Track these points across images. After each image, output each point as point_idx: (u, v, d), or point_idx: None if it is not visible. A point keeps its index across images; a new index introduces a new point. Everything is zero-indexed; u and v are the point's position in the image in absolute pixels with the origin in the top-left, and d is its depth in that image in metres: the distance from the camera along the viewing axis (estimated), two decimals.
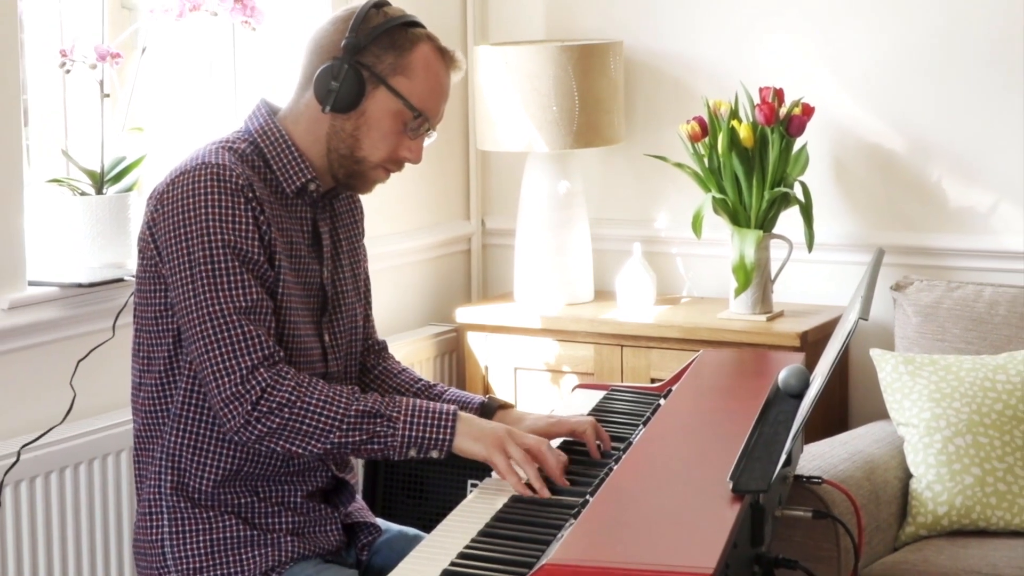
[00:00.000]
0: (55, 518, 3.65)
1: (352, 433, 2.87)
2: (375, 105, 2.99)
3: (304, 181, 3.02)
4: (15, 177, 3.62)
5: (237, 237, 2.87)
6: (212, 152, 2.94)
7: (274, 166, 3.01)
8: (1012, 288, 4.27)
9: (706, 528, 2.51)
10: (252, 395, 2.83)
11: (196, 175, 2.89)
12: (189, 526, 2.96)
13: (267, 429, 2.84)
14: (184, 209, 2.87)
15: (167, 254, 2.89)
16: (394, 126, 3.01)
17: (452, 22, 5.01)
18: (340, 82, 2.96)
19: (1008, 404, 3.96)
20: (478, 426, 2.94)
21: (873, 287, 3.06)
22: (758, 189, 4.40)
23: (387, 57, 2.98)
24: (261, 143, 3.02)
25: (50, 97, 4.01)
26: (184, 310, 2.87)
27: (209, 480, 2.96)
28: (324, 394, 2.87)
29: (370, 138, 3.00)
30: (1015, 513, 3.89)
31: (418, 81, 3.00)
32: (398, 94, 2.98)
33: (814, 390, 2.86)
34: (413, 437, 2.89)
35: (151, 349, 2.99)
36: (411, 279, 4.95)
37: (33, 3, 3.96)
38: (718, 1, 4.80)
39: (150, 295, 2.97)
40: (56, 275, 3.75)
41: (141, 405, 3.02)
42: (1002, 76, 4.47)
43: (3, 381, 3.62)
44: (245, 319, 2.85)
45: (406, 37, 3.00)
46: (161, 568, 2.98)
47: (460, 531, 2.72)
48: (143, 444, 3.04)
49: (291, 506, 3.02)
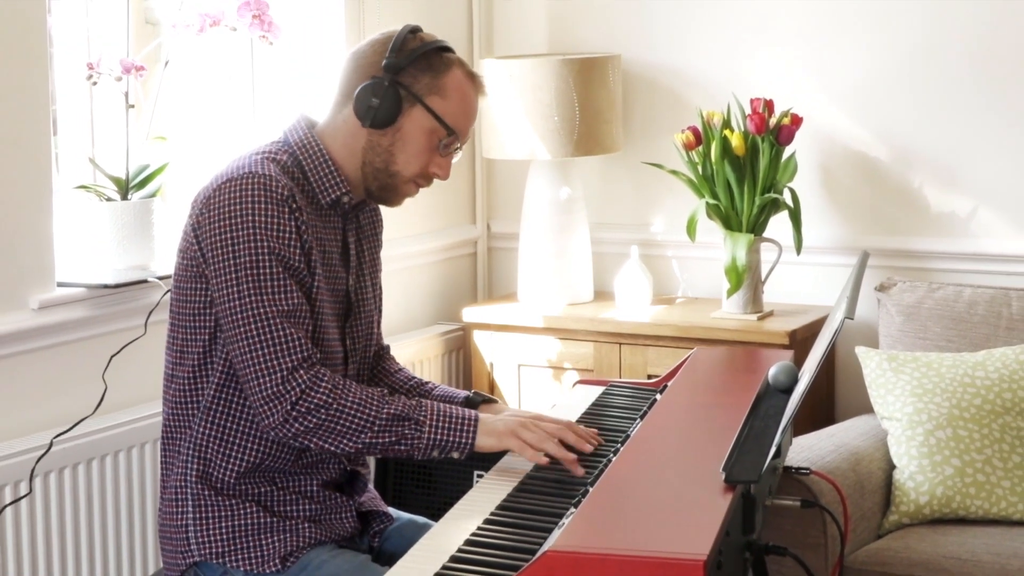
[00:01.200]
0: (83, 506, 3.65)
1: (382, 434, 2.90)
2: (411, 122, 3.01)
3: (339, 194, 3.03)
4: (45, 183, 3.63)
5: (281, 244, 2.89)
6: (258, 162, 2.95)
7: (311, 178, 3.02)
8: (990, 289, 4.27)
9: (700, 517, 2.51)
10: (292, 395, 2.85)
11: (244, 183, 2.90)
12: (212, 513, 2.97)
13: (304, 428, 2.86)
14: (231, 215, 2.88)
15: (212, 257, 2.90)
16: (428, 143, 3.03)
17: (459, 36, 5.00)
18: (380, 99, 2.98)
19: (986, 399, 3.96)
20: (493, 424, 2.99)
21: (858, 288, 3.06)
22: (749, 195, 4.40)
23: (424, 78, 3.01)
24: (300, 155, 3.03)
25: (78, 108, 4.01)
26: (227, 311, 2.89)
27: (233, 471, 2.97)
28: (358, 397, 2.90)
29: (405, 153, 3.03)
30: (993, 503, 3.89)
31: (452, 102, 3.03)
32: (434, 113, 3.01)
33: (802, 386, 2.86)
34: (437, 440, 2.93)
35: (185, 344, 3.00)
36: (420, 280, 4.95)
37: (62, 18, 3.96)
38: (711, 17, 4.80)
39: (190, 292, 2.98)
40: (83, 276, 3.76)
41: (172, 396, 3.03)
42: (980, 88, 4.47)
43: (34, 377, 3.63)
44: (287, 322, 2.87)
45: (441, 61, 3.04)
46: (185, 552, 2.99)
47: (466, 519, 2.73)
48: (171, 433, 3.04)
49: (308, 495, 3.03)
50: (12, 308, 3.57)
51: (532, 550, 2.50)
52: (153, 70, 3.91)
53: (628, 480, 2.77)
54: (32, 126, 3.59)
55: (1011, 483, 3.90)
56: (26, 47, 3.56)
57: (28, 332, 3.59)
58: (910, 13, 4.54)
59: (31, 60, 3.58)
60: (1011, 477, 3.91)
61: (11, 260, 3.56)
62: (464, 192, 5.13)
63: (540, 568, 2.33)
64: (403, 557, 2.57)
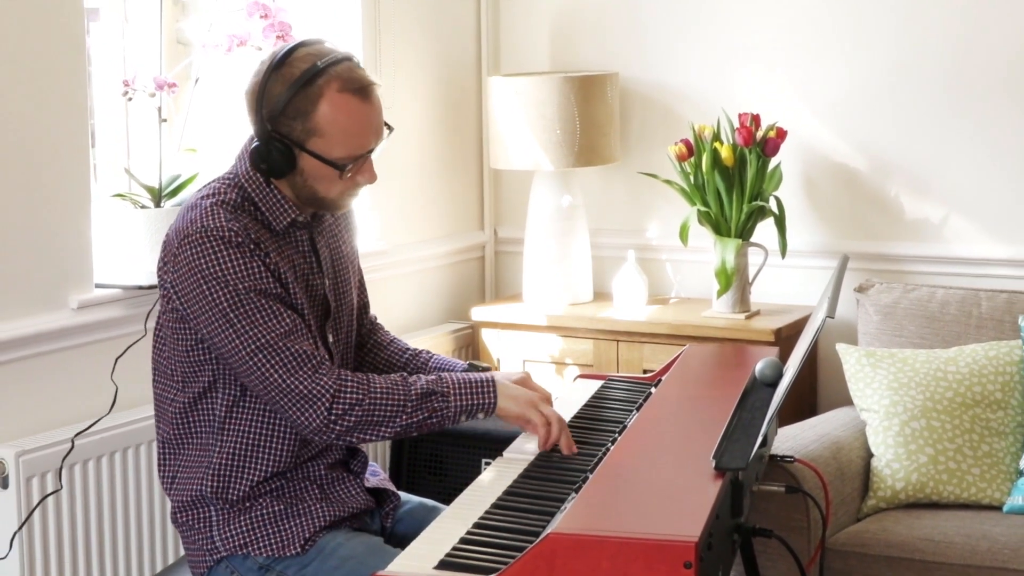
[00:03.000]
0: (106, 496, 3.65)
1: (416, 413, 2.89)
2: (307, 164, 2.91)
3: (292, 218, 2.96)
4: (83, 192, 3.63)
5: (254, 280, 2.85)
6: (208, 214, 2.87)
7: (263, 208, 2.95)
8: (961, 290, 4.26)
9: (692, 501, 2.51)
10: (325, 402, 2.83)
11: (200, 239, 2.84)
12: (232, 513, 2.96)
13: (344, 427, 2.85)
14: (201, 271, 2.84)
15: (198, 312, 2.86)
16: (332, 173, 2.92)
17: (467, 56, 5.00)
18: (268, 161, 2.90)
19: (958, 392, 3.96)
20: (512, 390, 2.98)
21: (839, 289, 3.05)
22: (738, 203, 4.40)
23: (296, 125, 2.88)
24: (248, 187, 2.95)
25: (114, 122, 4.01)
26: (232, 352, 2.85)
27: (247, 483, 2.96)
28: (384, 386, 2.88)
29: (321, 184, 2.94)
30: (963, 488, 3.88)
31: (331, 136, 2.88)
32: (317, 156, 2.90)
33: (787, 380, 2.85)
34: (464, 405, 2.92)
35: (187, 376, 2.96)
36: (432, 282, 4.95)
37: (100, 39, 3.96)
38: (702, 37, 4.80)
39: (180, 332, 2.94)
40: (120, 278, 3.76)
41: (171, 418, 3.00)
42: (952, 104, 4.47)
43: (74, 372, 3.63)
44: (289, 340, 2.85)
45: (307, 98, 2.87)
46: (211, 550, 2.97)
47: (475, 503, 2.72)
48: (173, 450, 3.02)
49: (317, 480, 3.02)
50: (53, 308, 3.57)
51: (536, 532, 2.50)
52: (184, 87, 3.91)
53: (625, 467, 2.77)
54: (72, 139, 3.59)
55: (980, 470, 3.89)
56: (66, 66, 3.56)
57: (69, 330, 3.59)
58: (886, 34, 4.53)
59: (71, 78, 3.58)
60: (980, 465, 3.90)
61: (52, 263, 3.56)
62: (472, 200, 5.12)
63: (544, 549, 2.32)
64: (415, 539, 2.57)
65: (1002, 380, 3.98)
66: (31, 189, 3.50)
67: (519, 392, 2.98)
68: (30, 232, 3.50)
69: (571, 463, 2.91)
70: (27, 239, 3.49)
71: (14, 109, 3.45)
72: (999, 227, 4.46)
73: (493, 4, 5.06)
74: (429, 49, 4.80)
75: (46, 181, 3.53)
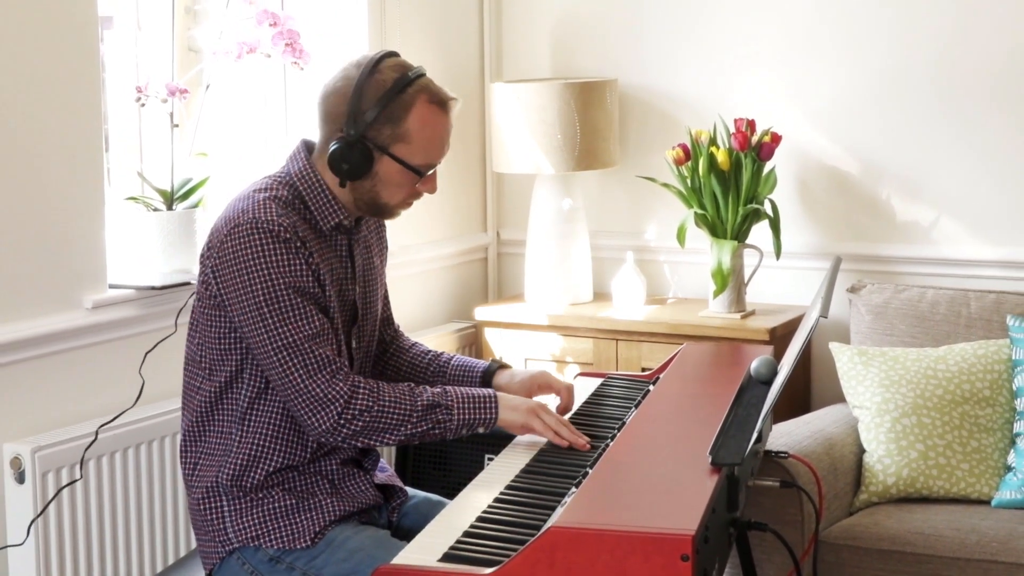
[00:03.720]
0: (132, 488, 3.65)
1: (420, 424, 2.93)
2: (384, 168, 2.96)
3: (338, 220, 3.00)
4: (97, 195, 3.63)
5: (294, 277, 2.88)
6: (260, 206, 2.91)
7: (312, 207, 2.99)
8: (950, 290, 4.26)
9: (689, 496, 2.51)
10: (337, 406, 2.86)
11: (250, 229, 2.88)
12: (245, 505, 2.97)
13: (352, 432, 2.88)
14: (244, 261, 2.87)
15: (234, 300, 2.89)
16: (405, 179, 2.98)
17: (470, 63, 5.00)
18: (350, 163, 2.93)
19: (947, 390, 3.95)
20: (512, 401, 3.02)
21: (831, 289, 3.05)
22: (733, 206, 4.39)
23: (386, 129, 2.93)
24: (300, 186, 2.99)
25: (127, 127, 4.01)
26: (259, 345, 2.88)
27: (262, 473, 2.97)
28: (392, 395, 2.91)
29: (387, 190, 2.99)
30: (953, 483, 3.88)
31: (416, 144, 2.95)
32: (400, 160, 2.95)
33: (781, 377, 2.85)
34: (465, 419, 2.96)
35: (214, 363, 2.99)
36: (436, 282, 4.95)
37: (113, 47, 3.96)
38: (699, 44, 4.79)
39: (213, 318, 2.96)
40: (133, 279, 3.75)
41: (197, 406, 3.02)
42: (941, 109, 4.47)
43: (88, 370, 3.63)
44: (314, 343, 2.87)
45: (399, 105, 2.93)
46: (224, 541, 2.98)
47: (478, 498, 2.73)
48: (195, 438, 3.03)
49: (328, 475, 3.03)
50: (68, 307, 3.57)
51: (537, 526, 2.50)
52: (195, 93, 3.91)
53: (624, 463, 2.77)
54: (86, 143, 3.59)
55: (969, 465, 3.89)
56: (81, 72, 3.56)
57: (83, 329, 3.59)
58: (877, 43, 4.53)
59: (85, 84, 3.58)
60: (969, 460, 3.90)
61: (67, 264, 3.56)
62: (476, 203, 5.12)
63: (545, 542, 2.32)
64: (421, 532, 2.57)
65: (990, 378, 3.98)
66: (46, 192, 3.50)
67: (519, 403, 3.02)
68: (45, 234, 3.50)
69: (571, 459, 2.92)
70: (42, 241, 3.49)
71: (30, 114, 3.45)
72: (987, 229, 4.46)
73: (495, 12, 5.06)
74: (433, 56, 4.80)
75: (61, 185, 3.53)
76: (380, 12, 4.55)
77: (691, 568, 2.27)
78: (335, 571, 2.90)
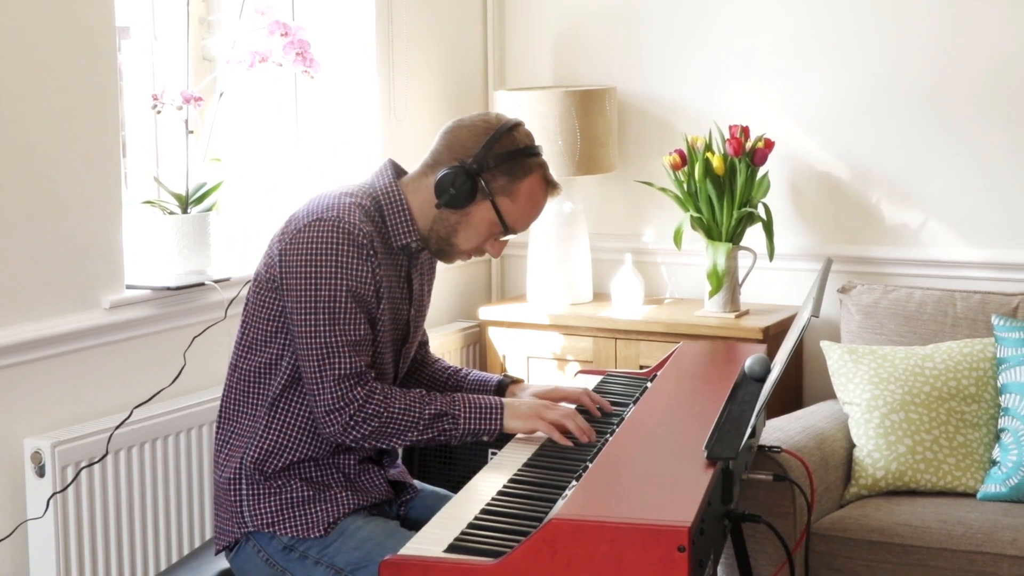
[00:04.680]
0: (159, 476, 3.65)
1: (426, 431, 2.96)
2: (478, 212, 3.00)
3: (409, 240, 3.03)
4: (115, 199, 3.63)
5: (357, 283, 2.91)
6: (346, 207, 2.94)
7: (388, 223, 3.02)
8: (937, 291, 4.26)
9: (685, 489, 2.51)
10: (350, 409, 2.90)
11: (331, 226, 2.91)
12: (264, 491, 2.98)
13: (361, 434, 2.91)
14: (317, 255, 2.90)
15: (295, 285, 2.91)
16: (488, 231, 3.03)
17: (475, 72, 5.00)
18: (457, 189, 2.96)
19: (935, 387, 3.95)
20: (517, 408, 3.03)
21: (823, 290, 3.05)
22: (728, 209, 4.39)
23: (501, 179, 2.99)
24: (383, 201, 3.02)
25: (144, 133, 4.01)
26: (302, 335, 2.91)
27: (285, 460, 2.99)
28: (403, 403, 2.94)
29: (466, 232, 3.03)
30: (940, 477, 3.88)
31: (518, 206, 3.01)
32: (499, 212, 3.00)
33: (774, 375, 2.85)
34: (470, 428, 2.99)
35: (256, 341, 3.02)
36: (442, 283, 4.93)
37: (130, 55, 3.97)
38: (695, 54, 4.79)
39: (267, 299, 2.99)
40: (149, 280, 3.75)
41: (235, 384, 3.05)
42: (929, 117, 4.47)
43: (105, 368, 3.63)
44: (352, 351, 2.90)
45: (522, 167, 3.00)
46: (239, 523, 2.99)
47: (483, 491, 2.73)
48: (229, 416, 3.06)
49: (346, 470, 3.05)
50: (87, 307, 3.57)
51: (539, 518, 2.50)
52: (209, 100, 3.91)
53: (622, 457, 2.77)
54: (104, 149, 3.59)
55: (955, 460, 3.89)
56: (99, 81, 3.57)
57: (101, 328, 3.59)
58: (867, 53, 4.53)
59: (103, 92, 3.58)
60: (956, 455, 3.90)
61: (86, 266, 3.56)
62: None
63: (546, 534, 2.33)
64: (428, 523, 2.57)
65: (976, 375, 3.98)
66: (66, 196, 3.50)
67: (523, 408, 3.04)
68: (65, 236, 3.50)
69: (572, 453, 2.92)
70: (62, 243, 3.50)
71: (50, 121, 3.45)
72: (973, 232, 4.46)
73: (499, 23, 5.06)
74: (439, 65, 4.80)
75: (80, 189, 3.53)
76: (387, 23, 4.55)
77: (687, 559, 2.27)
78: (347, 559, 2.92)
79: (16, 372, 3.41)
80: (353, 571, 2.91)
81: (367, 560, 2.89)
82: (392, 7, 4.57)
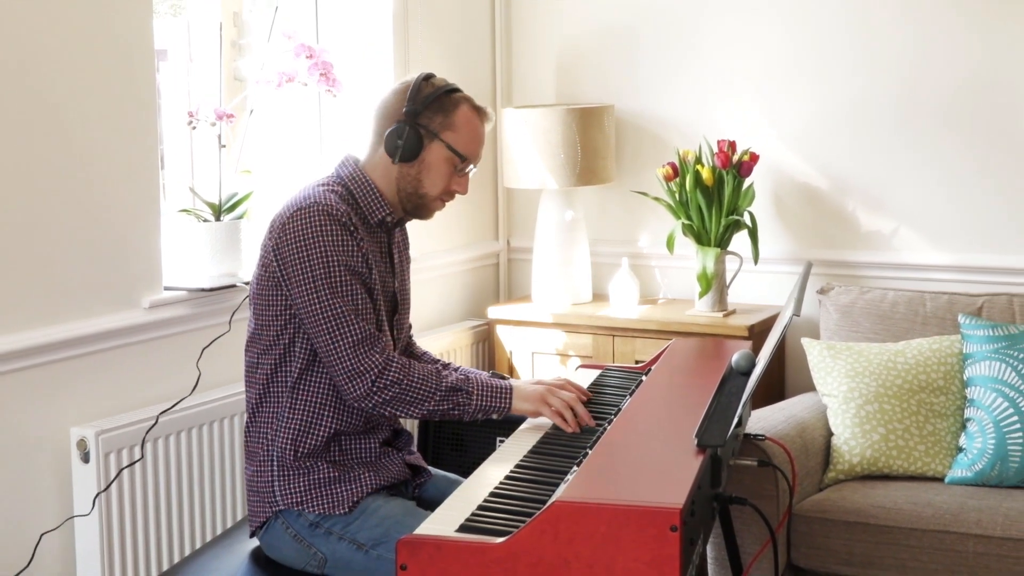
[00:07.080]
0: (184, 467, 3.66)
1: (442, 403, 2.96)
2: (431, 154, 3.04)
3: (383, 215, 3.06)
4: (153, 208, 3.64)
5: (348, 256, 2.93)
6: (321, 193, 2.98)
7: (361, 203, 3.05)
8: (909, 292, 4.26)
9: (677, 474, 2.51)
10: (372, 374, 2.90)
11: (313, 211, 2.93)
12: (293, 472, 2.99)
13: (382, 399, 2.92)
14: (306, 237, 2.91)
15: (292, 271, 2.92)
16: (447, 168, 3.06)
17: (484, 91, 5.01)
18: (404, 140, 3.01)
19: (906, 380, 3.95)
20: (525, 391, 3.05)
21: (803, 291, 3.05)
22: (716, 217, 4.40)
23: (437, 117, 3.04)
24: (351, 186, 3.06)
25: (180, 147, 4.02)
26: (309, 314, 2.92)
27: (312, 443, 2.99)
28: (421, 373, 2.95)
29: (429, 178, 3.06)
30: (911, 463, 3.88)
31: (463, 134, 3.06)
32: (448, 145, 3.04)
33: (759, 369, 2.86)
34: (482, 405, 3.01)
35: (269, 339, 3.01)
36: (453, 285, 4.95)
37: (168, 76, 3.97)
38: (686, 74, 4.79)
39: (271, 298, 2.99)
40: (185, 282, 3.76)
41: (258, 380, 3.05)
42: (901, 132, 4.47)
43: (146, 363, 3.63)
44: (358, 317, 2.91)
45: (450, 101, 3.06)
46: (271, 503, 3.00)
47: (491, 475, 2.73)
48: (258, 410, 3.06)
49: (367, 453, 3.05)
50: (127, 307, 3.58)
51: (543, 500, 2.50)
52: (241, 117, 3.92)
53: (619, 444, 2.77)
54: (143, 162, 3.60)
55: (925, 447, 3.89)
56: (139, 99, 3.57)
57: (140, 327, 3.60)
58: (845, 73, 4.53)
59: (143, 110, 3.59)
60: (925, 442, 3.90)
61: (126, 269, 3.57)
62: (488, 214, 5.13)
63: (550, 515, 2.33)
64: (441, 505, 2.58)
65: (944, 369, 3.98)
66: (109, 205, 3.51)
67: (531, 391, 3.05)
68: (108, 242, 3.51)
69: (573, 440, 2.92)
70: (105, 248, 3.51)
71: (95, 137, 3.46)
72: (941, 238, 4.46)
73: (506, 46, 5.07)
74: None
75: (122, 198, 3.54)
76: (404, 46, 4.55)
77: (679, 538, 2.27)
78: (369, 535, 2.92)
79: (64, 366, 3.42)
80: (374, 546, 2.91)
81: (386, 536, 2.90)
82: (408, 31, 4.58)
